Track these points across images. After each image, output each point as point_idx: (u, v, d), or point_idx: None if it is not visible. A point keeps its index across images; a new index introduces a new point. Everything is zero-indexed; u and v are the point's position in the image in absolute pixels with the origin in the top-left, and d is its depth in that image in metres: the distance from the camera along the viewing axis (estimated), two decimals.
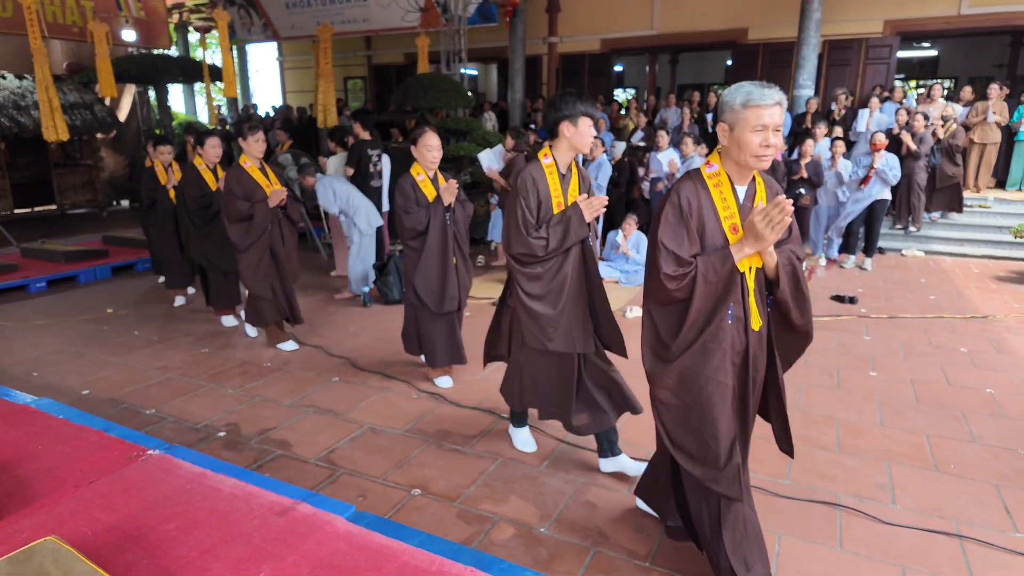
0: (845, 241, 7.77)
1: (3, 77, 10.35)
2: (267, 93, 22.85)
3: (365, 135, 6.83)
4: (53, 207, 11.73)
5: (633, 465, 3.08)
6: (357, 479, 3.14)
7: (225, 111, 17.44)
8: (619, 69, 17.30)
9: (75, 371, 4.59)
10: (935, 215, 8.81)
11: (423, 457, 3.35)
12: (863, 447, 3.45)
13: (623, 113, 12.16)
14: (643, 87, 17.18)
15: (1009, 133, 9.34)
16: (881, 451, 3.40)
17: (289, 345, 4.99)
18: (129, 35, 11.68)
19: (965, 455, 3.37)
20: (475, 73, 17.27)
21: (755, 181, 2.18)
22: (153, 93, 13.56)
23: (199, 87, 17.62)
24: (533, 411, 3.40)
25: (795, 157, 7.64)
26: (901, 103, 9.26)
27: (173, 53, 13.27)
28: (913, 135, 7.83)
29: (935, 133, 8.28)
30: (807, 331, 2.23)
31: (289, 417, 3.83)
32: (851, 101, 10.14)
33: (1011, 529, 2.76)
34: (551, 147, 2.97)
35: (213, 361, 4.77)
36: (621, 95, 18.40)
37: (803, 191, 7.40)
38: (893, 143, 7.55)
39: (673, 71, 15.87)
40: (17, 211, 11.25)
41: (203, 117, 18.46)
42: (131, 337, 5.34)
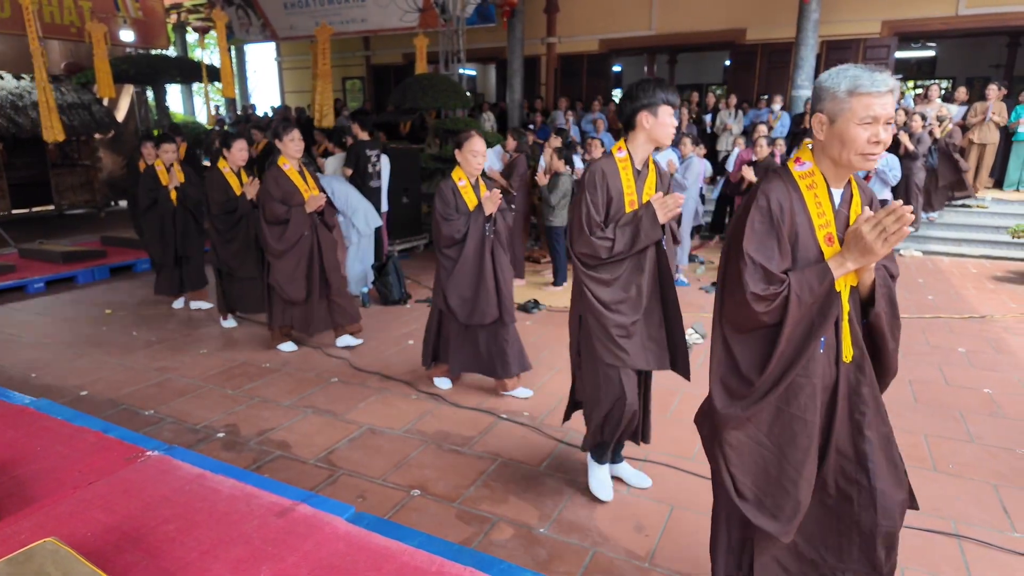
0: None
1: (0, 77, 10.34)
2: (265, 93, 22.90)
3: (364, 135, 6.83)
4: (51, 207, 11.74)
5: (633, 475, 3.07)
6: (356, 480, 3.14)
7: (223, 111, 17.43)
8: (617, 69, 17.31)
9: (74, 372, 4.58)
10: (933, 215, 8.83)
11: (422, 458, 3.35)
12: None
13: None
14: None
15: (1007, 133, 9.36)
16: None
17: (288, 346, 4.99)
18: (127, 35, 11.69)
19: (963, 455, 3.37)
20: (473, 73, 17.28)
21: (851, 184, 1.87)
22: (151, 93, 13.56)
23: (197, 87, 17.62)
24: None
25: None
26: (899, 103, 9.28)
27: (171, 53, 13.27)
28: (911, 135, 7.84)
29: (932, 133, 8.30)
30: (895, 363, 1.94)
31: (288, 418, 3.83)
32: None
33: (1009, 529, 2.76)
34: (626, 140, 2.68)
35: (212, 362, 4.77)
36: (620, 96, 18.44)
37: None
38: (891, 143, 7.58)
39: (671, 71, 15.89)
40: (15, 211, 11.25)
41: (201, 117, 18.45)
42: (129, 338, 5.33)
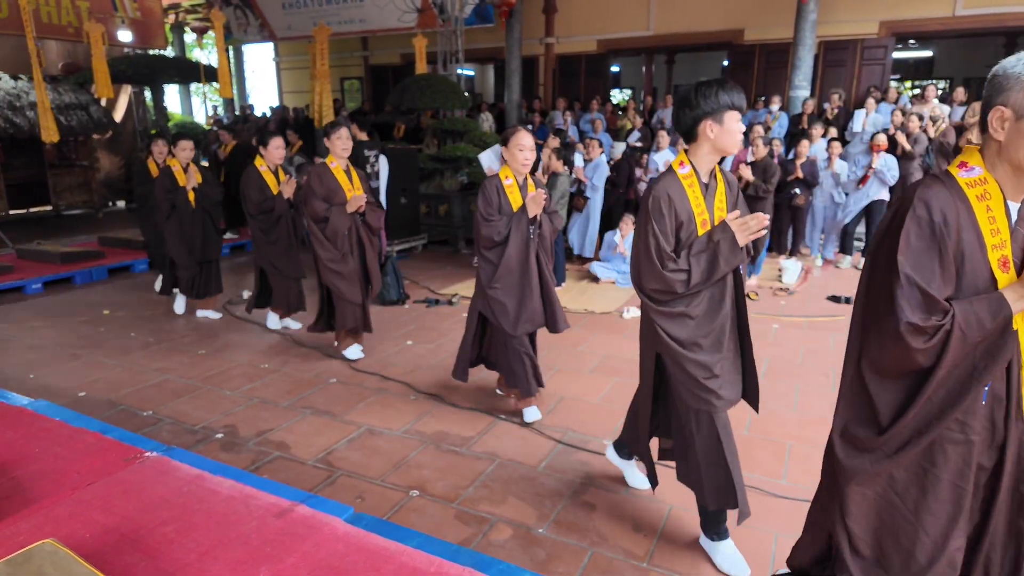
0: (842, 241, 7.80)
1: None
2: (263, 93, 22.86)
3: (362, 136, 6.84)
4: (49, 208, 11.71)
5: (637, 478, 3.06)
6: (355, 480, 3.14)
7: (221, 111, 17.43)
8: (615, 70, 17.32)
9: (72, 373, 4.57)
10: None
11: (421, 458, 3.35)
12: None
13: (620, 114, 12.19)
14: (639, 88, 17.22)
15: None
16: None
17: (354, 352, 4.76)
18: (125, 35, 11.68)
19: None
20: (472, 74, 17.28)
21: None
22: (149, 93, 13.55)
23: (195, 88, 17.61)
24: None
25: (791, 157, 7.68)
26: (896, 103, 9.30)
27: (169, 53, 13.27)
28: (908, 135, 7.86)
29: (925, 130, 8.32)
30: None
31: (287, 418, 3.83)
32: (843, 101, 10.18)
33: None
34: (687, 152, 2.37)
35: (210, 362, 4.76)
36: (618, 96, 18.45)
37: (798, 191, 7.45)
38: (888, 143, 7.59)
39: (669, 72, 15.89)
40: (12, 212, 11.22)
41: (199, 118, 18.45)
42: (128, 339, 5.33)
